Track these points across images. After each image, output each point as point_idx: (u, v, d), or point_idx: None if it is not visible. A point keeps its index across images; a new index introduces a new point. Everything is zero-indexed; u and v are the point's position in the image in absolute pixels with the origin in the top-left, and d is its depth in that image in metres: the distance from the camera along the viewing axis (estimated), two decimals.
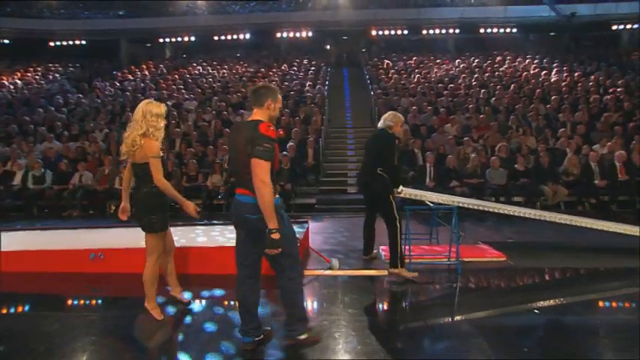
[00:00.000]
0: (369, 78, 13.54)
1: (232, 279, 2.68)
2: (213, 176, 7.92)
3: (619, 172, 7.33)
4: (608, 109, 10.19)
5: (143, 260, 4.09)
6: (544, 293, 3.59)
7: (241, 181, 2.48)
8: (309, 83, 13.15)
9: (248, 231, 2.49)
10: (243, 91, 12.48)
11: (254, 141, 2.38)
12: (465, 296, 3.63)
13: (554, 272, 4.19)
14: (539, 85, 11.84)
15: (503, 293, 3.74)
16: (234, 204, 2.53)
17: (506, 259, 4.39)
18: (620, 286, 3.80)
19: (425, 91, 12.02)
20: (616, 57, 14.54)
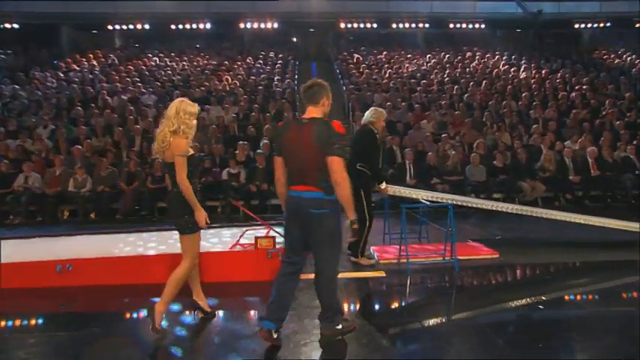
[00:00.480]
0: (340, 72, 13.68)
1: None
2: None
3: (591, 167, 7.91)
4: (576, 106, 10.98)
5: (117, 270, 3.95)
6: (545, 289, 3.82)
7: (304, 177, 2.66)
8: (278, 77, 13.08)
9: (308, 225, 2.68)
10: (207, 85, 12.19)
11: (329, 139, 2.59)
12: (468, 295, 3.79)
13: (549, 267, 4.48)
14: (510, 82, 12.52)
15: (505, 290, 3.96)
16: (291, 200, 2.72)
17: (499, 256, 4.61)
18: (615, 277, 4.11)
19: (398, 87, 12.34)
20: (578, 55, 15.69)
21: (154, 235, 4.95)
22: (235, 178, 7.74)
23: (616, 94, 11.71)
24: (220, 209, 7.68)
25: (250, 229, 5.02)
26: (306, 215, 2.67)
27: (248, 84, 12.58)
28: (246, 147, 8.65)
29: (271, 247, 4.01)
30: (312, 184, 2.65)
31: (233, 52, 15.99)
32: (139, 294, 3.78)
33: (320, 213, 2.65)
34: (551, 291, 3.70)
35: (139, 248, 4.40)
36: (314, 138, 2.61)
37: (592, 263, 4.46)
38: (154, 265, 4.00)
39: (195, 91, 11.85)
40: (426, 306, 3.54)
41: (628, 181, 7.68)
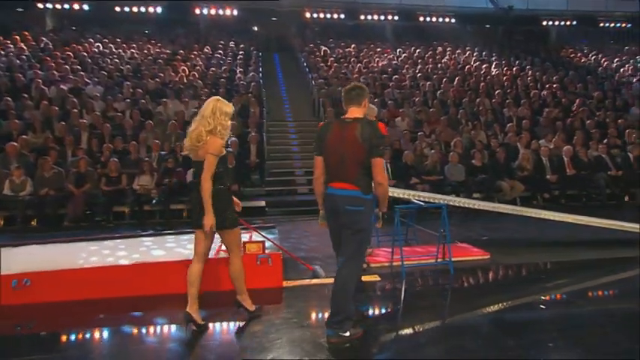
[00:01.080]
0: (307, 66, 13.77)
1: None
2: (141, 177, 7.42)
3: (567, 166, 8.51)
4: (547, 104, 11.75)
5: (84, 284, 3.78)
6: (544, 288, 4.11)
7: (345, 175, 2.93)
8: (240, 69, 12.94)
9: (346, 221, 2.94)
10: (162, 76, 11.84)
11: (375, 140, 2.89)
12: (470, 296, 3.99)
13: (541, 267, 4.81)
14: (482, 79, 13.18)
15: (504, 290, 4.20)
16: (329, 197, 3.00)
17: (490, 256, 4.88)
18: (611, 274, 4.49)
19: (369, 82, 12.60)
20: (546, 53, 16.78)
21: (121, 242, 4.79)
22: None
23: (584, 94, 12.66)
24: (187, 213, 7.50)
25: None
26: (343, 212, 2.93)
27: (208, 76, 12.36)
28: None
29: (260, 253, 4.01)
30: (350, 182, 2.92)
31: (189, 41, 15.62)
32: (111, 310, 3.65)
33: (355, 210, 2.91)
34: (551, 290, 4.00)
35: (109, 258, 4.24)
36: (359, 137, 2.89)
37: (582, 261, 4.83)
38: (128, 277, 3.88)
39: (149, 83, 11.49)
40: (429, 309, 3.67)
41: (602, 180, 8.34)
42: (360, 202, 2.92)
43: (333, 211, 3.00)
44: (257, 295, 3.84)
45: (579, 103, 11.67)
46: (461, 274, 4.45)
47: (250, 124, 9.68)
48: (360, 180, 2.91)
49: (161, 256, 4.22)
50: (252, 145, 9.03)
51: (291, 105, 12.74)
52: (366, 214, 2.95)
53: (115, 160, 7.52)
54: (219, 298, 3.78)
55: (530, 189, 8.32)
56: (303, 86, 13.85)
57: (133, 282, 3.85)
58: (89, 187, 7.20)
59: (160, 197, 7.06)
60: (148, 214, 7.32)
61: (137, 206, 7.21)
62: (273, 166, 9.57)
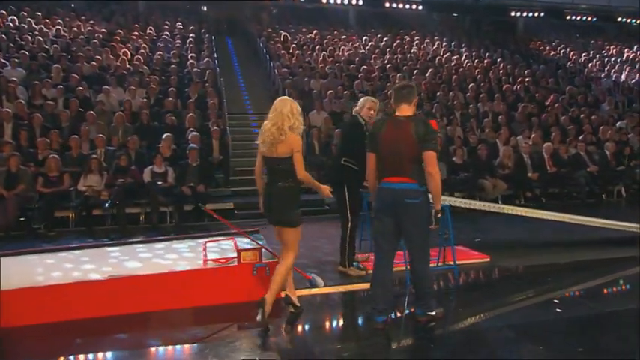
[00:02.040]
0: (268, 53, 13.70)
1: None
2: (88, 177, 7.07)
3: (547, 164, 9.12)
4: (521, 99, 12.49)
5: (48, 305, 3.58)
6: (551, 288, 4.45)
7: (400, 170, 3.38)
8: (192, 55, 12.64)
9: (403, 214, 3.38)
10: (99, 59, 11.29)
11: (427, 135, 3.34)
12: (485, 300, 4.22)
13: (545, 268, 5.13)
14: (454, 71, 13.76)
15: (512, 292, 4.48)
16: (385, 191, 3.44)
17: (490, 259, 5.16)
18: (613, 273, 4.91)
19: (336, 72, 12.77)
20: (515, 45, 17.79)
21: (82, 254, 4.56)
22: (162, 179, 7.37)
23: (556, 88, 13.59)
24: (144, 217, 7.25)
25: (211, 241, 4.91)
26: (402, 205, 3.36)
27: (155, 61, 11.96)
28: (171, 140, 8.27)
29: (257, 261, 3.99)
30: (407, 176, 3.37)
31: (126, 20, 15.01)
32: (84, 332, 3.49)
33: (414, 202, 3.36)
34: (562, 289, 4.32)
35: (74, 272, 4.04)
36: (414, 134, 3.33)
37: (584, 262, 5.27)
38: (101, 293, 3.72)
39: (84, 66, 10.93)
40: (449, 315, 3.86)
41: (581, 178, 9.02)
42: (418, 194, 3.38)
43: (391, 205, 3.41)
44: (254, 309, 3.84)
45: (553, 99, 12.52)
46: (466, 277, 4.69)
47: (211, 117, 9.49)
48: (415, 174, 3.37)
49: (139, 269, 4.08)
50: (215, 140, 8.88)
51: (250, 96, 12.63)
52: (424, 205, 3.42)
53: (55, 158, 7.10)
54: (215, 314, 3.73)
55: (511, 187, 8.82)
56: (263, 75, 13.76)
57: (106, 300, 3.70)
58: (23, 190, 6.74)
59: (113, 200, 6.76)
60: (97, 220, 6.99)
61: (84, 211, 6.86)
62: (236, 164, 9.45)
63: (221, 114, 10.10)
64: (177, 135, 8.80)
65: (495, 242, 6.10)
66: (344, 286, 4.41)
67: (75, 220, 6.96)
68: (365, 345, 3.38)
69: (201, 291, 3.90)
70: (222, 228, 6.84)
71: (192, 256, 4.43)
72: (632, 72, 15.36)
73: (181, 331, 3.46)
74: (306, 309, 4.09)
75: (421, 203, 3.40)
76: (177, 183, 7.38)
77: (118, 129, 8.79)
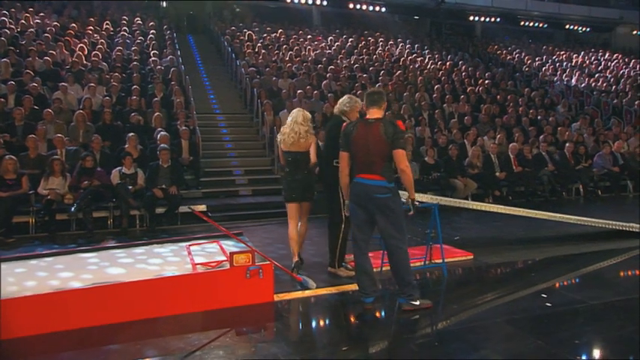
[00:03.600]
0: (233, 51, 13.45)
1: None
2: (50, 180, 6.64)
3: (513, 163, 9.45)
4: (484, 100, 12.90)
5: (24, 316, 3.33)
6: (536, 281, 4.58)
7: (372, 167, 3.72)
8: (154, 52, 12.21)
9: (375, 208, 3.72)
10: (53, 55, 10.69)
11: (395, 135, 3.68)
12: (477, 296, 4.27)
13: (525, 264, 5.30)
14: (420, 73, 14.03)
15: (501, 287, 4.58)
16: (358, 186, 3.78)
17: (473, 257, 5.26)
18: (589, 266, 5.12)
19: (304, 72, 12.72)
20: (474, 48, 18.39)
21: (51, 261, 4.26)
22: (131, 181, 7.05)
23: (515, 91, 14.14)
24: (112, 221, 6.90)
25: (195, 244, 4.74)
26: (373, 199, 3.70)
27: (115, 58, 11.46)
28: (137, 140, 7.93)
29: (250, 264, 3.87)
30: (377, 173, 3.70)
31: (80, 14, 14.31)
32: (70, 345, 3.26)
33: (385, 197, 3.69)
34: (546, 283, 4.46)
35: (51, 281, 3.76)
36: (383, 134, 3.66)
37: (558, 257, 5.45)
38: (86, 302, 3.48)
39: (36, 62, 10.31)
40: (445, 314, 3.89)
41: (544, 176, 9.40)
42: (386, 190, 3.70)
43: (363, 198, 3.74)
44: (247, 313, 3.74)
45: (512, 100, 13.01)
46: (454, 275, 4.75)
47: (179, 116, 9.18)
48: (384, 171, 3.71)
49: (123, 275, 3.86)
50: (184, 140, 8.60)
51: (217, 95, 12.35)
52: (392, 199, 3.72)
53: (12, 159, 6.61)
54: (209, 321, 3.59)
55: (481, 186, 9.07)
56: (227, 74, 13.51)
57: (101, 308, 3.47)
58: None
59: (80, 203, 6.39)
60: (60, 225, 6.58)
61: (47, 215, 6.44)
62: (206, 165, 9.21)
63: (189, 113, 9.80)
64: (142, 135, 8.47)
65: (474, 240, 6.22)
66: (335, 287, 4.35)
67: (35, 226, 6.53)
68: (364, 346, 3.35)
69: (193, 297, 3.72)
70: (197, 231, 6.69)
71: (178, 261, 4.23)
72: (582, 77, 16.23)
73: (177, 339, 3.29)
74: (300, 311, 4.04)
75: (390, 197, 3.71)
76: (148, 185, 7.07)
77: (78, 128, 8.34)
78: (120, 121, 9.01)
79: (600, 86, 15.55)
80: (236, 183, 9.03)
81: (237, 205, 8.16)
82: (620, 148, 10.57)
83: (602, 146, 10.53)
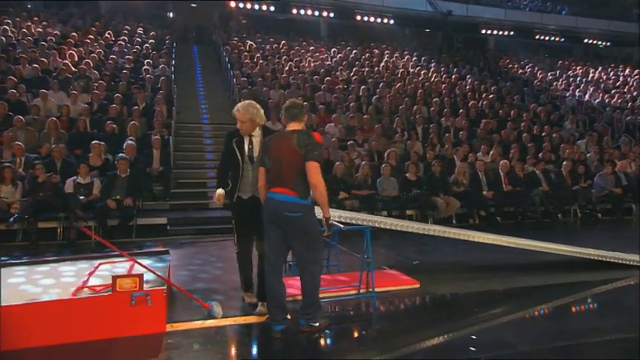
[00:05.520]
0: (229, 61, 13.22)
1: None
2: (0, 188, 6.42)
3: (503, 182, 8.74)
4: (485, 115, 12.20)
5: None
6: (474, 320, 3.93)
7: (283, 181, 3.39)
8: (149, 61, 12.08)
9: (286, 227, 3.39)
10: (44, 62, 10.66)
11: (309, 146, 3.35)
12: (388, 336, 3.69)
13: (475, 296, 4.63)
14: (421, 86, 13.45)
15: (428, 326, 3.93)
16: (269, 202, 3.45)
17: (419, 285, 4.67)
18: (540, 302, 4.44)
19: (299, 83, 12.33)
20: (485, 62, 17.66)
21: None
22: (85, 191, 6.75)
23: (520, 105, 13.36)
24: (61, 232, 6.61)
25: (106, 262, 4.34)
26: (283, 218, 3.37)
27: (107, 66, 11.37)
28: (102, 148, 7.67)
29: (136, 290, 3.43)
30: (289, 187, 3.37)
31: (85, 23, 14.41)
32: None
33: (295, 216, 3.36)
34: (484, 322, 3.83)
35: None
36: (296, 145, 3.36)
37: (521, 289, 4.77)
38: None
39: (24, 69, 10.28)
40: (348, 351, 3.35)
41: (537, 197, 8.65)
42: (298, 207, 3.36)
43: (274, 216, 3.41)
44: (129, 346, 3.29)
45: (514, 115, 12.26)
46: (384, 307, 4.18)
47: (155, 125, 8.91)
48: (297, 186, 3.37)
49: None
50: (156, 150, 8.30)
51: (208, 106, 12.10)
52: (305, 218, 3.39)
53: None
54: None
55: (465, 205, 8.41)
56: (224, 85, 13.28)
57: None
58: None
59: (21, 213, 6.12)
60: (7, 235, 6.32)
61: None
62: (180, 176, 8.88)
63: (168, 123, 9.53)
64: (116, 144, 8.22)
65: (434, 265, 5.63)
66: (243, 318, 3.85)
67: None
68: None
69: (69, 325, 3.30)
70: (150, 245, 6.32)
71: (72, 282, 3.84)
72: (596, 92, 15.28)
73: None
74: (192, 345, 3.55)
75: (302, 217, 3.38)
76: (103, 195, 6.76)
77: (50, 136, 8.16)
78: (96, 129, 8.81)
79: (615, 102, 14.58)
80: (208, 195, 8.64)
81: (203, 219, 7.77)
82: (624, 168, 9.68)
83: (605, 165, 9.67)
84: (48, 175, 6.61)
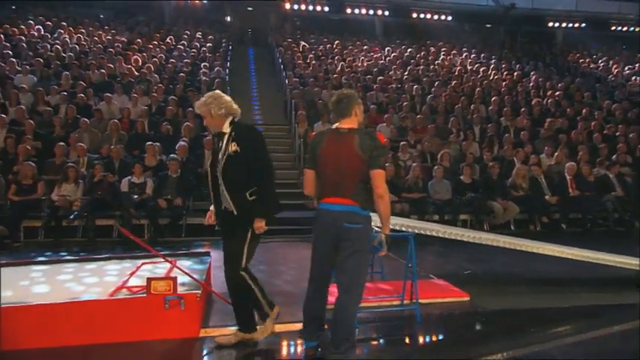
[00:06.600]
0: (283, 62, 13.27)
1: None
2: (62, 186, 6.75)
3: (569, 186, 8.06)
4: (550, 114, 11.37)
5: None
6: (530, 341, 3.56)
7: (341, 190, 2.94)
8: (205, 64, 12.38)
9: (341, 241, 2.93)
10: (110, 67, 11.21)
11: (374, 151, 2.88)
12: (429, 353, 3.42)
13: (533, 313, 4.17)
14: (479, 84, 12.80)
15: (474, 345, 3.61)
16: (322, 213, 3.00)
17: (469, 298, 4.33)
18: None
19: (351, 83, 12.13)
20: (551, 57, 16.54)
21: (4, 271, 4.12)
22: (139, 190, 6.96)
23: (592, 103, 12.34)
24: (116, 229, 6.84)
25: (149, 262, 4.38)
26: (342, 230, 2.92)
27: (166, 70, 11.77)
28: (157, 149, 7.90)
29: (170, 293, 3.40)
30: (348, 197, 2.92)
31: (149, 29, 15.05)
32: None
33: (355, 228, 2.91)
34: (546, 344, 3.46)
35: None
36: (357, 148, 2.89)
37: (579, 308, 4.29)
38: None
39: (93, 74, 10.85)
40: None
41: (609, 202, 7.90)
42: (359, 218, 2.93)
43: (328, 229, 2.98)
44: (161, 350, 3.26)
45: (586, 114, 11.33)
46: (429, 322, 3.89)
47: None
48: (358, 195, 2.94)
49: (42, 295, 3.58)
50: (207, 150, 8.41)
51: (261, 107, 12.20)
52: (365, 232, 2.96)
53: (29, 164, 6.84)
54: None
55: (526, 211, 7.83)
56: (278, 86, 13.35)
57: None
58: None
59: (81, 211, 6.40)
60: (68, 231, 6.64)
61: (53, 221, 6.54)
62: None
63: None
64: (171, 144, 8.44)
65: (486, 276, 5.24)
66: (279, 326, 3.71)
67: (44, 231, 6.65)
68: None
69: (104, 326, 3.34)
70: (198, 245, 6.40)
71: (113, 281, 3.89)
72: None
73: None
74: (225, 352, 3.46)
75: (362, 229, 2.94)
76: (155, 195, 6.94)
77: (111, 137, 8.53)
78: (153, 131, 9.11)
79: None
80: None
81: None
82: None
83: None
84: (104, 174, 6.87)
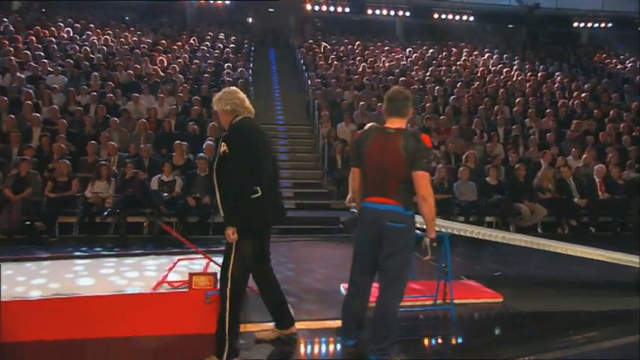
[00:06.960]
0: (304, 63, 13.34)
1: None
2: (95, 183, 6.92)
3: (598, 189, 7.95)
4: (576, 115, 11.22)
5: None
6: (566, 346, 3.55)
7: (384, 189, 2.97)
8: (228, 64, 12.52)
9: (385, 240, 2.95)
10: (137, 68, 11.42)
11: (418, 153, 2.89)
12: (467, 353, 3.43)
13: (568, 317, 4.13)
14: (502, 85, 12.69)
15: (511, 346, 3.61)
16: (366, 212, 3.03)
17: (502, 299, 4.33)
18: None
19: (373, 84, 12.15)
20: (576, 57, 16.30)
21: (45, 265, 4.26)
22: (168, 188, 7.09)
23: (619, 104, 12.14)
24: (147, 226, 6.99)
25: (185, 259, 4.47)
26: (386, 229, 2.94)
27: (191, 70, 11.94)
28: (184, 148, 8.04)
29: (210, 288, 3.47)
30: (392, 197, 2.95)
31: (173, 30, 15.27)
32: None
33: (398, 227, 2.94)
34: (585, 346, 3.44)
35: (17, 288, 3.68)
36: (403, 150, 2.89)
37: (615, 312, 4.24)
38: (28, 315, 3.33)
39: (121, 75, 11.07)
40: None
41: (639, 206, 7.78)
42: (402, 218, 2.95)
43: (371, 228, 3.01)
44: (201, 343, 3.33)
45: (614, 115, 11.15)
46: (464, 322, 3.90)
47: None
48: (401, 195, 2.96)
49: (88, 288, 3.69)
50: None
51: (283, 107, 12.30)
52: (407, 232, 2.98)
53: (64, 162, 7.03)
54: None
55: (553, 213, 7.76)
56: (299, 87, 13.43)
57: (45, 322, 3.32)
58: (30, 193, 6.70)
59: (113, 208, 6.55)
60: (100, 228, 6.81)
61: (87, 217, 6.70)
62: None
63: None
64: (197, 144, 8.57)
65: (517, 278, 5.22)
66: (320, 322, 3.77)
67: (78, 226, 6.82)
68: None
69: (146, 319, 3.43)
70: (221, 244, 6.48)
71: (153, 276, 3.99)
72: None
73: None
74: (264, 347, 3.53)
75: (405, 229, 2.96)
76: (184, 193, 7.06)
77: (139, 136, 8.70)
78: (180, 130, 9.26)
79: None
80: (282, 195, 8.73)
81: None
82: None
83: None
84: (135, 172, 7.01)
